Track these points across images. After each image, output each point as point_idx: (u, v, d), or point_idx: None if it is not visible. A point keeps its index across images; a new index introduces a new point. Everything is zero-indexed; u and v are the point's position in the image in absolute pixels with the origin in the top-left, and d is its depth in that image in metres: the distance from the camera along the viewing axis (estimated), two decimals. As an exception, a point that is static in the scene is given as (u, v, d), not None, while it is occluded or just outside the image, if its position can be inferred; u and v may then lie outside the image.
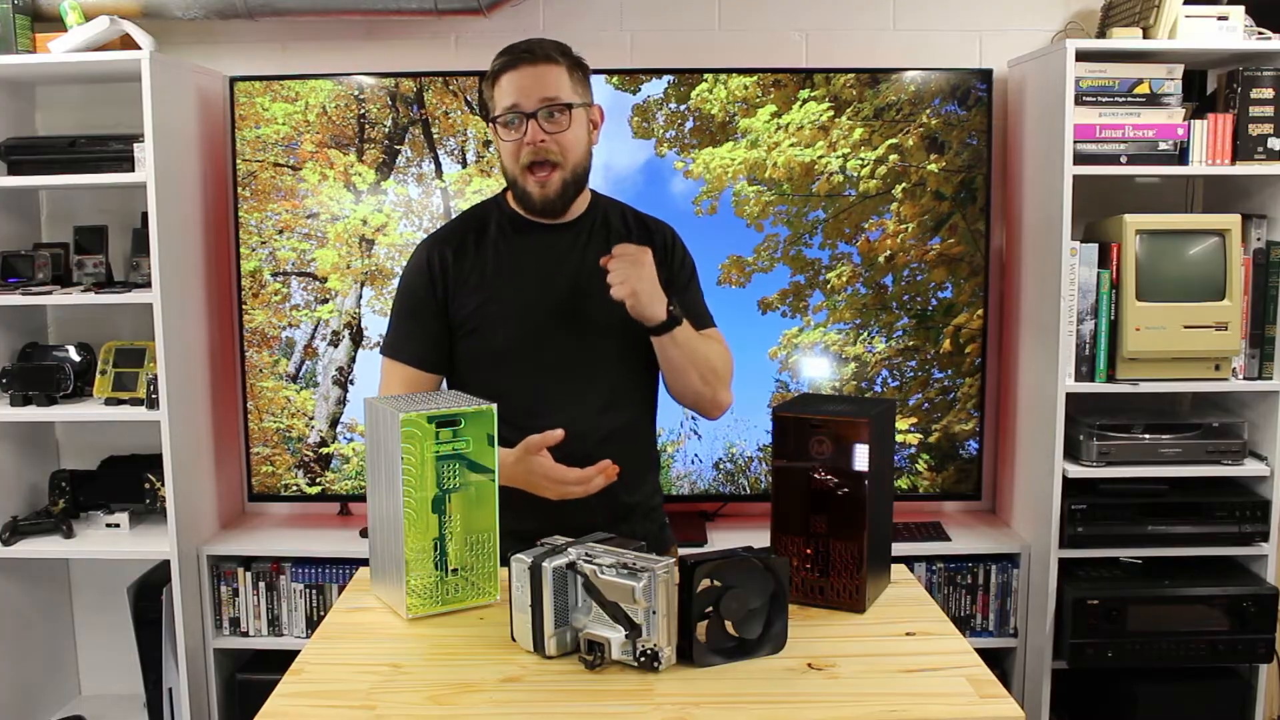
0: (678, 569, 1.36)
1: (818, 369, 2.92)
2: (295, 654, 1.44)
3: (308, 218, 2.89)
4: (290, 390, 2.94)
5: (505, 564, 1.43)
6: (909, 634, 1.48)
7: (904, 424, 2.91)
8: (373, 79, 2.87)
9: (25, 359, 2.87)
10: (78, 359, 2.85)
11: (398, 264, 2.89)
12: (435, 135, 2.88)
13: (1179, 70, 2.64)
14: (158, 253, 2.61)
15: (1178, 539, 2.68)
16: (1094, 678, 2.76)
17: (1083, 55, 2.59)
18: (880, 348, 2.91)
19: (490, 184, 2.85)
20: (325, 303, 2.92)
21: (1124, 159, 2.63)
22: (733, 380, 1.94)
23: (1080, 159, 2.60)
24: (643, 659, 1.34)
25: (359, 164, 2.88)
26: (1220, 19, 2.61)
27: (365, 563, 1.68)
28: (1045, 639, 2.71)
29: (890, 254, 2.88)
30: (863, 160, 2.83)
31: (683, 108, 2.85)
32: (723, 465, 2.95)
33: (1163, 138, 2.63)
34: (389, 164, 2.88)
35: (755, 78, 2.83)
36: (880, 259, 2.88)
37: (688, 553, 1.46)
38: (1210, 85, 2.87)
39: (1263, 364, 2.67)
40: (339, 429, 2.95)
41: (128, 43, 2.68)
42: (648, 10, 2.98)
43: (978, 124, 2.83)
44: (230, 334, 2.97)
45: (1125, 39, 2.61)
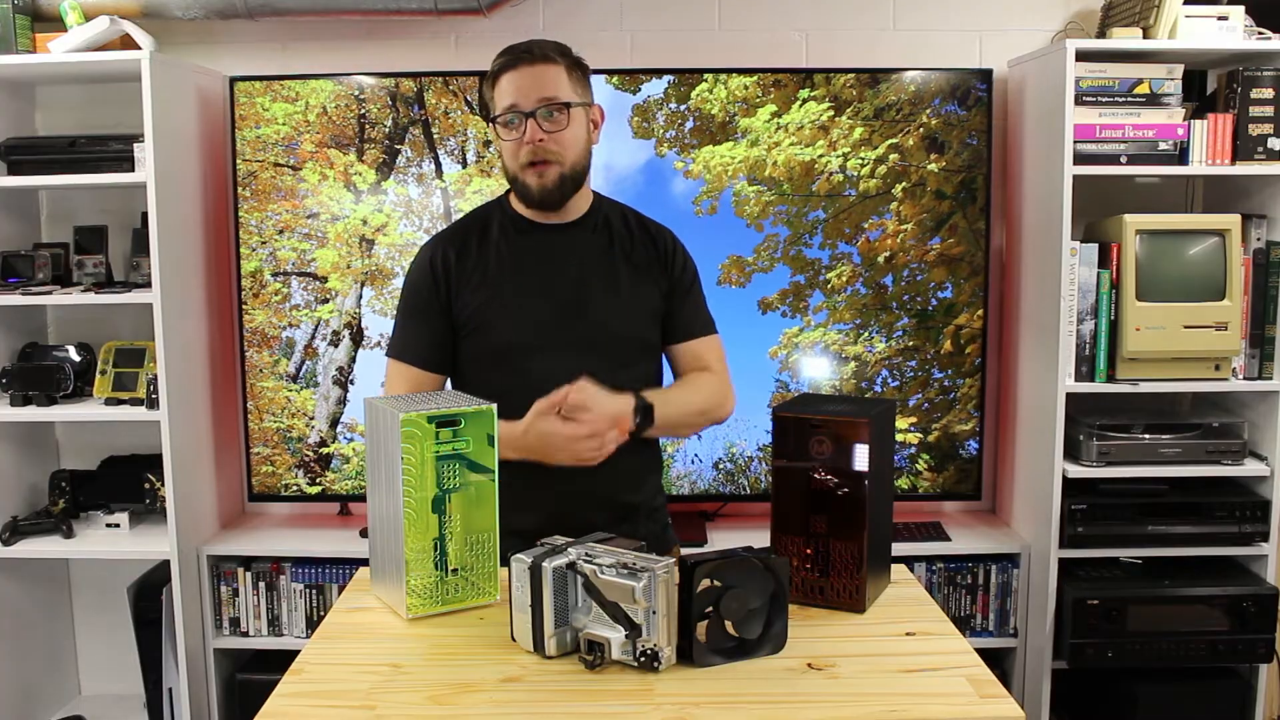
0: (678, 569, 1.36)
1: (818, 369, 2.92)
2: (295, 654, 1.44)
3: (308, 218, 2.89)
4: (290, 390, 2.94)
5: (505, 561, 1.44)
6: (909, 634, 1.48)
7: (904, 424, 2.91)
8: (373, 79, 2.87)
9: (25, 359, 2.88)
10: (78, 359, 2.85)
11: (398, 264, 2.89)
12: (435, 135, 2.88)
13: (1179, 70, 2.64)
14: (158, 253, 2.61)
15: (1178, 539, 2.68)
16: (1094, 678, 2.76)
17: (1083, 55, 2.59)
18: (880, 348, 2.91)
19: (490, 184, 2.85)
20: (325, 303, 2.92)
21: (1124, 159, 2.63)
22: (730, 379, 1.95)
23: (1080, 159, 2.60)
24: (643, 659, 1.34)
25: (359, 164, 2.88)
26: (1220, 19, 2.61)
27: (365, 563, 1.68)
28: (1045, 639, 2.71)
29: (890, 254, 2.88)
30: (863, 160, 2.83)
31: (683, 108, 2.85)
32: (723, 465, 2.95)
33: (1163, 138, 2.63)
34: (389, 164, 2.88)
35: (755, 78, 2.83)
36: (880, 259, 2.88)
37: (688, 553, 1.46)
38: (1210, 85, 2.87)
39: (1263, 364, 2.67)
40: (339, 429, 2.95)
41: (128, 43, 2.68)
42: (648, 10, 2.98)
43: (978, 124, 2.83)
44: (230, 334, 2.97)
45: (1125, 39, 2.61)
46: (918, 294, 2.90)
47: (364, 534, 2.77)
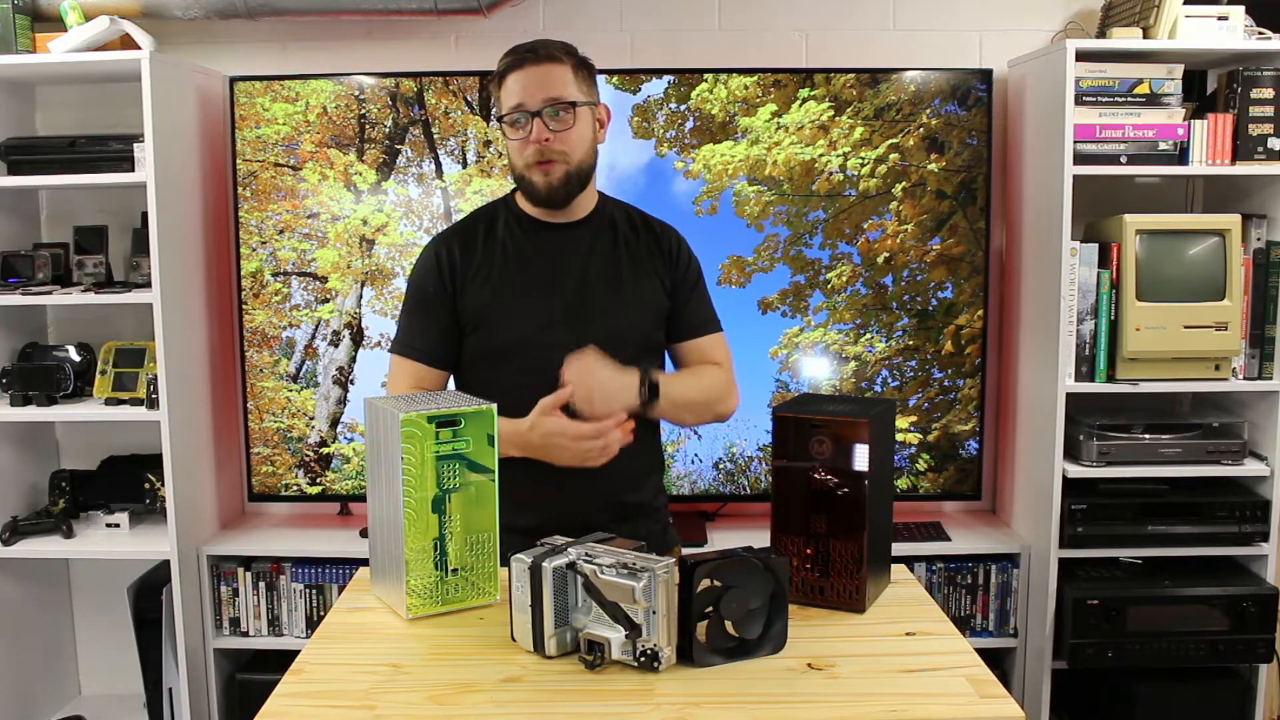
0: (678, 569, 1.36)
1: (818, 369, 2.92)
2: (295, 654, 1.44)
3: (308, 218, 2.89)
4: (290, 390, 2.94)
5: (505, 560, 1.44)
6: (909, 634, 1.48)
7: (904, 424, 2.91)
8: (373, 79, 2.87)
9: (25, 359, 2.87)
10: (78, 359, 2.85)
11: (398, 264, 2.89)
12: (435, 135, 2.88)
13: (1179, 70, 2.64)
14: (158, 253, 2.61)
15: (1178, 539, 2.68)
16: (1094, 678, 2.76)
17: (1083, 55, 2.59)
18: (880, 348, 2.91)
19: (490, 184, 2.85)
20: (326, 303, 2.92)
21: (1124, 159, 2.63)
22: (734, 377, 1.95)
23: (1080, 159, 2.60)
24: (643, 659, 1.34)
25: (359, 164, 2.88)
26: (1220, 19, 2.61)
27: (365, 563, 1.68)
28: (1045, 639, 2.71)
29: (890, 254, 2.88)
30: (863, 160, 2.83)
31: (683, 108, 2.85)
32: (723, 465, 2.95)
33: (1163, 138, 2.63)
34: (389, 164, 2.88)
35: (755, 77, 2.83)
36: (880, 259, 2.88)
37: (688, 553, 1.46)
38: (1210, 85, 2.87)
39: (1263, 364, 2.67)
40: (339, 429, 2.95)
41: (128, 43, 2.68)
42: (648, 10, 2.98)
43: (978, 124, 2.83)
44: (230, 334, 2.97)
45: (1125, 39, 2.61)
46: (918, 294, 2.90)
47: (364, 534, 2.77)
